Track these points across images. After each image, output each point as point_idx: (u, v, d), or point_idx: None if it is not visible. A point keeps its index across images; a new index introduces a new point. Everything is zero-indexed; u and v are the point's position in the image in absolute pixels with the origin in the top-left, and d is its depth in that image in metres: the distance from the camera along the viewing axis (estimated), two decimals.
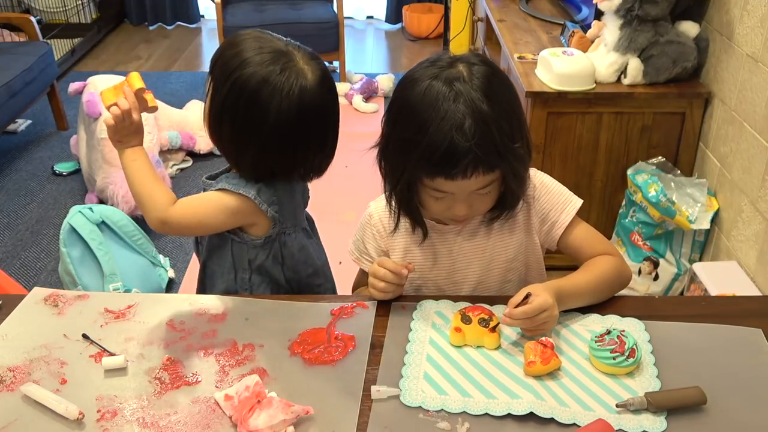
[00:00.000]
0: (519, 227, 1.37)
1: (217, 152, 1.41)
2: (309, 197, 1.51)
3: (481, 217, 1.34)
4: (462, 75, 1.17)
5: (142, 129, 1.34)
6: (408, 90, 1.20)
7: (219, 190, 1.35)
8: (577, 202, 1.37)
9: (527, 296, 1.19)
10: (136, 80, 1.33)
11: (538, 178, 1.37)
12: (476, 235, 1.36)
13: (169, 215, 1.30)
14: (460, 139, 1.13)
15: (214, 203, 1.34)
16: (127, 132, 1.32)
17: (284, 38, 1.33)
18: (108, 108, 1.31)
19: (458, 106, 1.14)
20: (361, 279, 1.49)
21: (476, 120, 1.14)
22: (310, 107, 1.29)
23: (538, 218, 1.36)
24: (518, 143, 1.20)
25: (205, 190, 1.43)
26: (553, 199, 1.37)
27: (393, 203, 1.32)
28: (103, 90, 1.34)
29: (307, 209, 1.51)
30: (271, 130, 1.28)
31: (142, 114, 1.33)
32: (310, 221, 1.53)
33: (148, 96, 1.33)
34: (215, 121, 1.32)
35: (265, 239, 1.40)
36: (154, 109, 1.34)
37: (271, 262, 1.43)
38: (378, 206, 1.43)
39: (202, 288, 1.51)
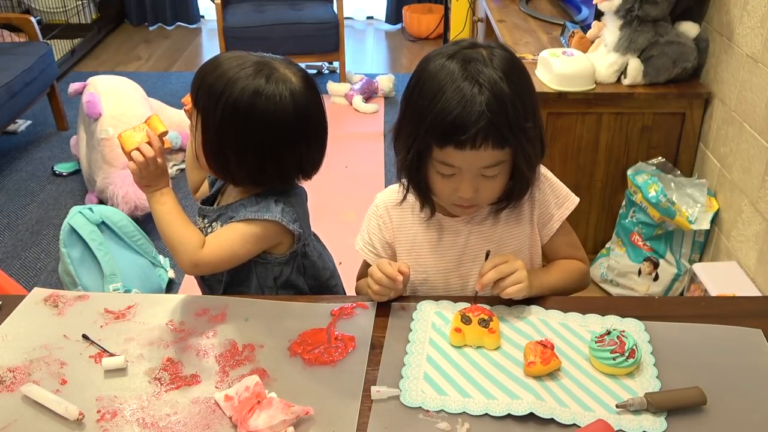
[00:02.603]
0: (524, 219, 1.38)
1: None
2: None
3: (488, 208, 1.35)
4: (482, 55, 1.20)
5: (167, 171, 1.35)
6: (425, 65, 1.24)
7: (242, 221, 1.35)
8: (575, 200, 1.40)
9: (488, 255, 1.27)
10: (159, 124, 1.35)
11: (540, 171, 1.38)
12: (483, 226, 1.38)
13: (200, 257, 1.31)
14: (473, 105, 1.16)
15: (240, 235, 1.34)
16: (153, 176, 1.33)
17: (255, 53, 1.36)
18: (129, 152, 1.32)
19: (476, 79, 1.17)
20: (364, 271, 1.50)
21: (493, 92, 1.17)
22: (303, 107, 1.32)
23: (538, 210, 1.38)
24: (530, 123, 1.22)
25: (204, 216, 1.45)
26: (554, 191, 1.39)
27: (402, 178, 1.33)
28: (122, 133, 1.34)
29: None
30: (273, 137, 1.31)
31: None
32: None
33: (166, 139, 1.36)
34: (216, 150, 1.33)
35: (291, 255, 1.43)
36: (168, 149, 1.35)
37: (295, 275, 1.45)
38: (385, 197, 1.44)
39: None
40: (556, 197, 1.39)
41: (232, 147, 1.32)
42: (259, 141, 1.31)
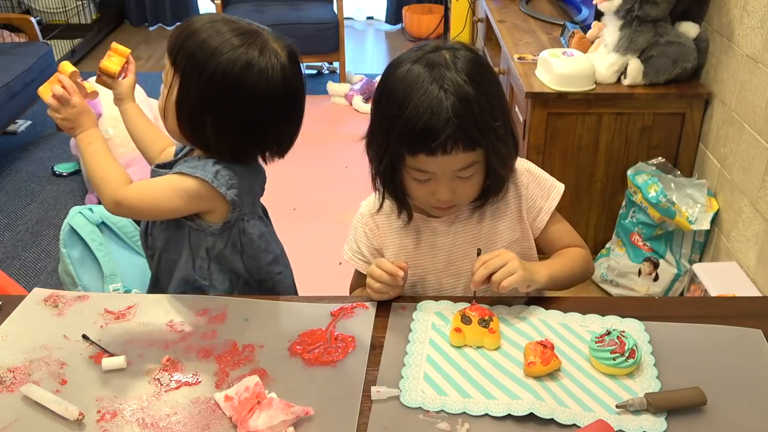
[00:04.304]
0: (510, 213, 1.39)
1: None
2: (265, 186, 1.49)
3: (469, 207, 1.36)
4: (444, 59, 1.21)
5: (88, 110, 1.34)
6: (391, 72, 1.25)
7: (176, 173, 1.33)
8: (561, 188, 1.41)
9: (479, 253, 1.28)
10: (67, 66, 1.37)
11: (523, 165, 1.39)
12: (468, 224, 1.38)
13: (123, 196, 1.29)
14: (440, 111, 1.17)
15: (169, 186, 1.32)
16: (74, 116, 1.33)
17: (242, 19, 1.33)
18: (47, 101, 1.33)
19: (440, 85, 1.18)
20: (357, 280, 1.50)
21: (458, 97, 1.18)
22: (290, 82, 1.31)
23: (526, 204, 1.39)
24: (499, 122, 1.23)
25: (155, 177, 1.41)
26: (539, 184, 1.40)
27: (378, 185, 1.34)
28: (39, 88, 1.37)
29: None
30: (261, 111, 1.29)
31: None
32: (264, 211, 1.52)
33: (86, 84, 1.38)
34: (193, 115, 1.30)
35: (223, 225, 1.38)
36: (94, 95, 1.38)
37: (230, 251, 1.41)
38: (369, 204, 1.44)
39: (157, 280, 1.48)
40: (542, 189, 1.39)
41: (215, 117, 1.29)
42: (245, 115, 1.29)
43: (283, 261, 1.53)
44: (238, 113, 1.29)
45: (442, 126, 1.16)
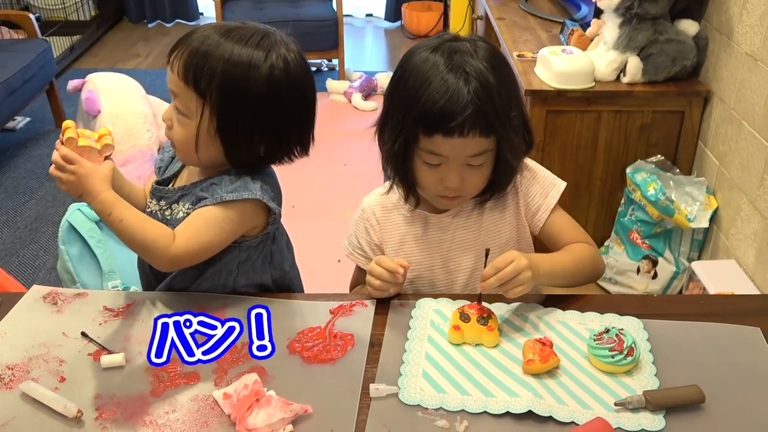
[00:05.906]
0: (509, 210, 1.39)
1: None
2: None
3: (473, 202, 1.36)
4: (466, 47, 1.23)
5: (90, 174, 1.21)
6: (408, 59, 1.26)
7: (215, 204, 1.26)
8: (561, 185, 1.41)
9: (488, 253, 1.25)
10: (67, 131, 1.21)
11: (524, 162, 1.38)
12: (469, 220, 1.39)
13: (173, 255, 1.22)
14: (460, 94, 1.18)
15: (215, 220, 1.26)
16: (75, 184, 1.21)
17: (231, 23, 1.29)
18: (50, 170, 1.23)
19: (463, 69, 1.20)
20: (358, 276, 1.50)
21: (480, 82, 1.20)
22: (308, 65, 1.32)
23: (524, 201, 1.39)
24: (514, 112, 1.25)
25: (161, 198, 1.35)
26: (538, 182, 1.40)
27: (387, 169, 1.34)
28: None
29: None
30: (305, 101, 1.30)
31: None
32: None
33: (100, 140, 1.23)
34: (246, 135, 1.25)
35: (262, 237, 1.36)
36: (108, 148, 1.23)
37: (261, 263, 1.38)
38: (370, 201, 1.45)
39: (170, 288, 1.39)
40: (541, 187, 1.39)
41: (267, 128, 1.26)
42: (294, 112, 1.28)
43: (295, 264, 1.50)
44: (289, 113, 1.28)
45: (461, 107, 1.18)
